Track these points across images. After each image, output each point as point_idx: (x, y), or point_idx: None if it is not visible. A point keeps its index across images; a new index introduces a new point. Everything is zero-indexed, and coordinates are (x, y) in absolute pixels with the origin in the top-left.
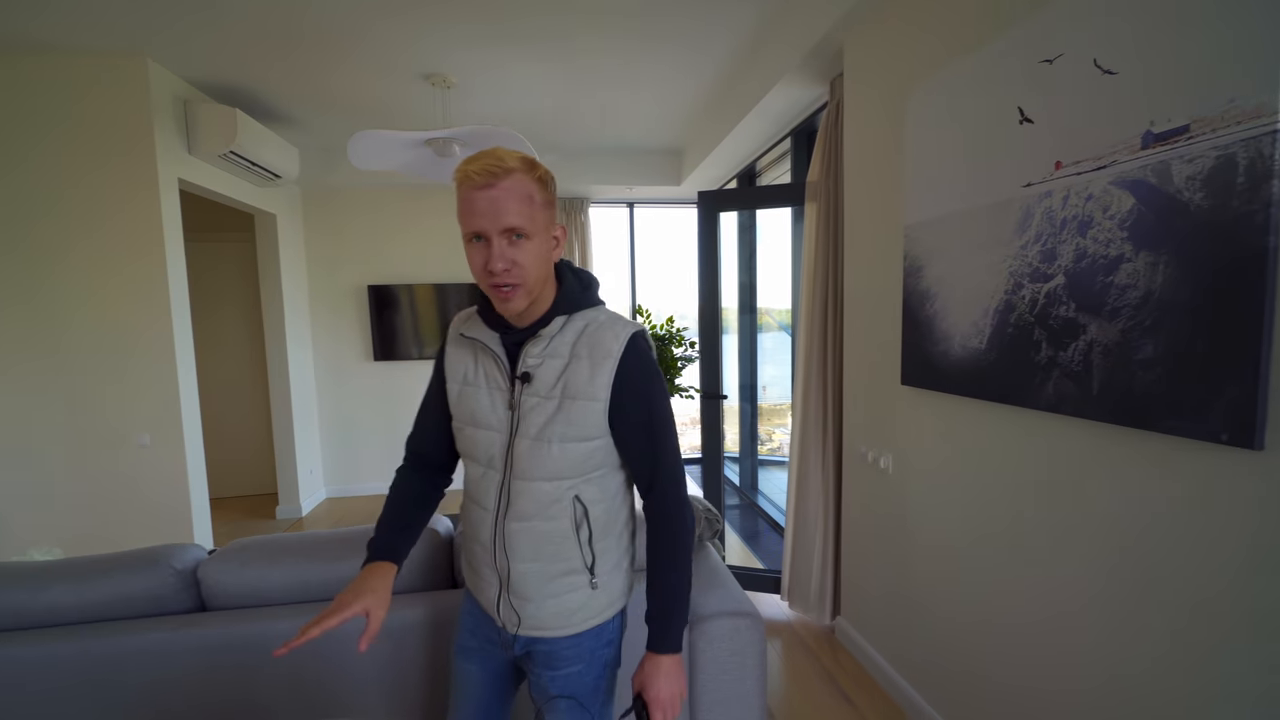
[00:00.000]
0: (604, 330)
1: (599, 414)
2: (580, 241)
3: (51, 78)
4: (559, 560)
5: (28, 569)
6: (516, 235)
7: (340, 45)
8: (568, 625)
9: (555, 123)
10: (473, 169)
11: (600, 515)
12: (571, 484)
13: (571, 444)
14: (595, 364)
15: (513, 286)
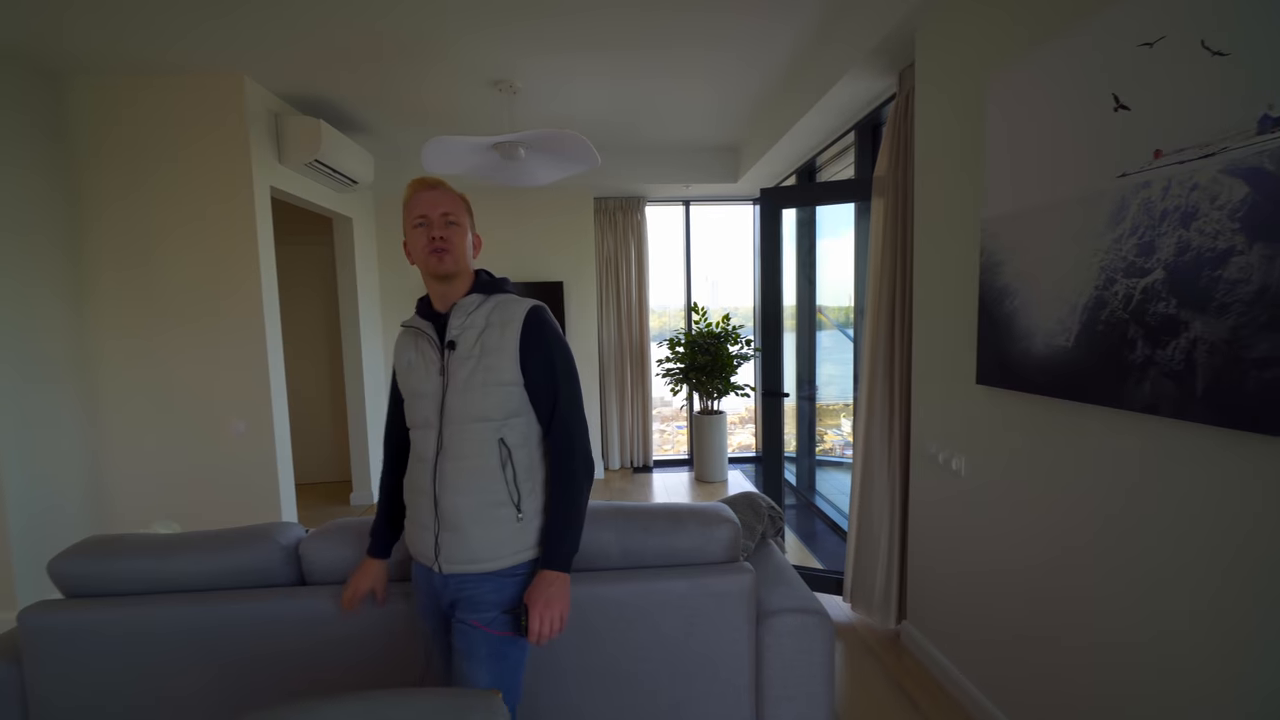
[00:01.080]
0: (510, 304)
1: (511, 361)
2: (636, 240)
3: (165, 97)
4: (488, 493)
5: (155, 540)
6: (450, 221)
7: (415, 56)
8: (497, 557)
9: (614, 123)
10: (420, 179)
11: (523, 459)
12: (495, 425)
13: (491, 388)
14: (505, 326)
15: (446, 251)
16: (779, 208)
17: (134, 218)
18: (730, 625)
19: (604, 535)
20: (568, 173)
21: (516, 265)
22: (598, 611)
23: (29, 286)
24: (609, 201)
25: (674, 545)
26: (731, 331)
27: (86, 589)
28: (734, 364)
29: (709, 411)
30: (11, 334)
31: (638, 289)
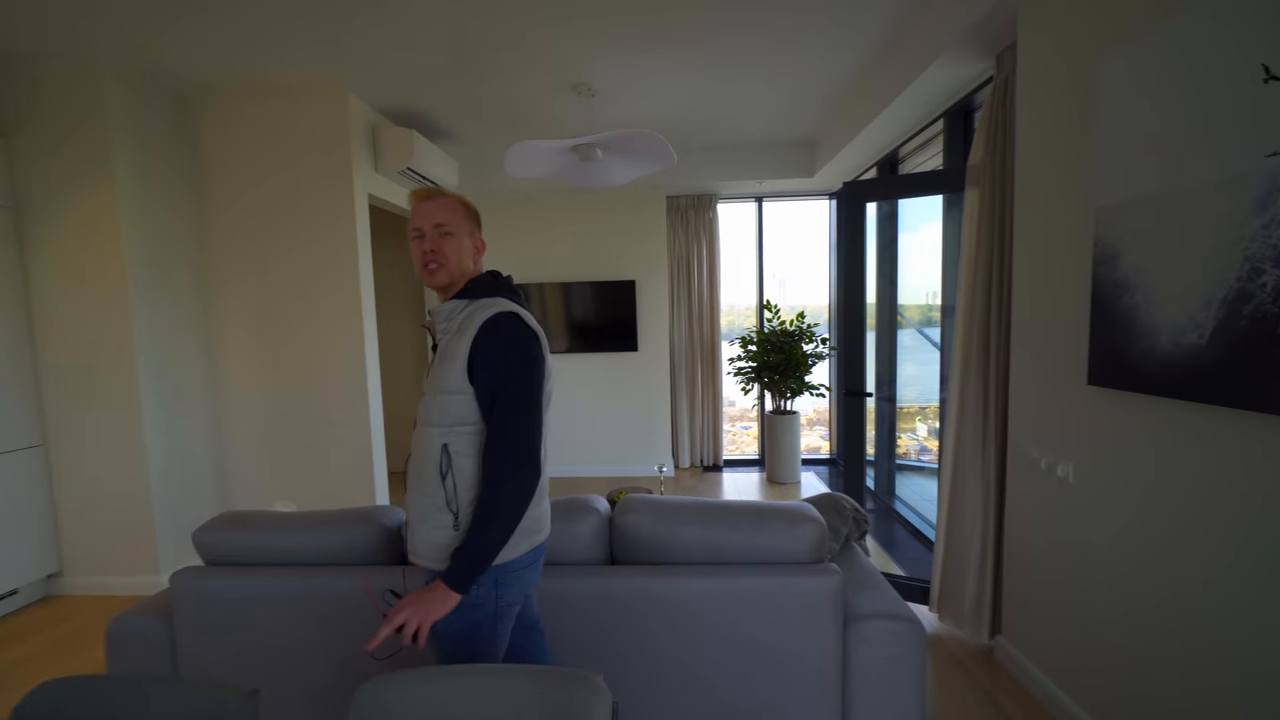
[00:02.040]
0: (479, 311)
1: (459, 369)
2: (707, 238)
3: (276, 114)
4: (430, 496)
5: (277, 517)
6: (444, 231)
7: (501, 65)
8: (433, 559)
9: (688, 121)
10: (419, 190)
11: (464, 468)
12: (441, 432)
13: (439, 395)
14: (463, 334)
15: (438, 266)
16: (862, 201)
17: (250, 223)
18: (816, 627)
19: (686, 530)
20: (643, 172)
21: (589, 265)
22: (678, 605)
23: (169, 275)
24: (681, 200)
25: (758, 543)
26: (806, 330)
27: (222, 558)
28: (808, 363)
29: (781, 411)
30: (157, 334)
31: (709, 287)
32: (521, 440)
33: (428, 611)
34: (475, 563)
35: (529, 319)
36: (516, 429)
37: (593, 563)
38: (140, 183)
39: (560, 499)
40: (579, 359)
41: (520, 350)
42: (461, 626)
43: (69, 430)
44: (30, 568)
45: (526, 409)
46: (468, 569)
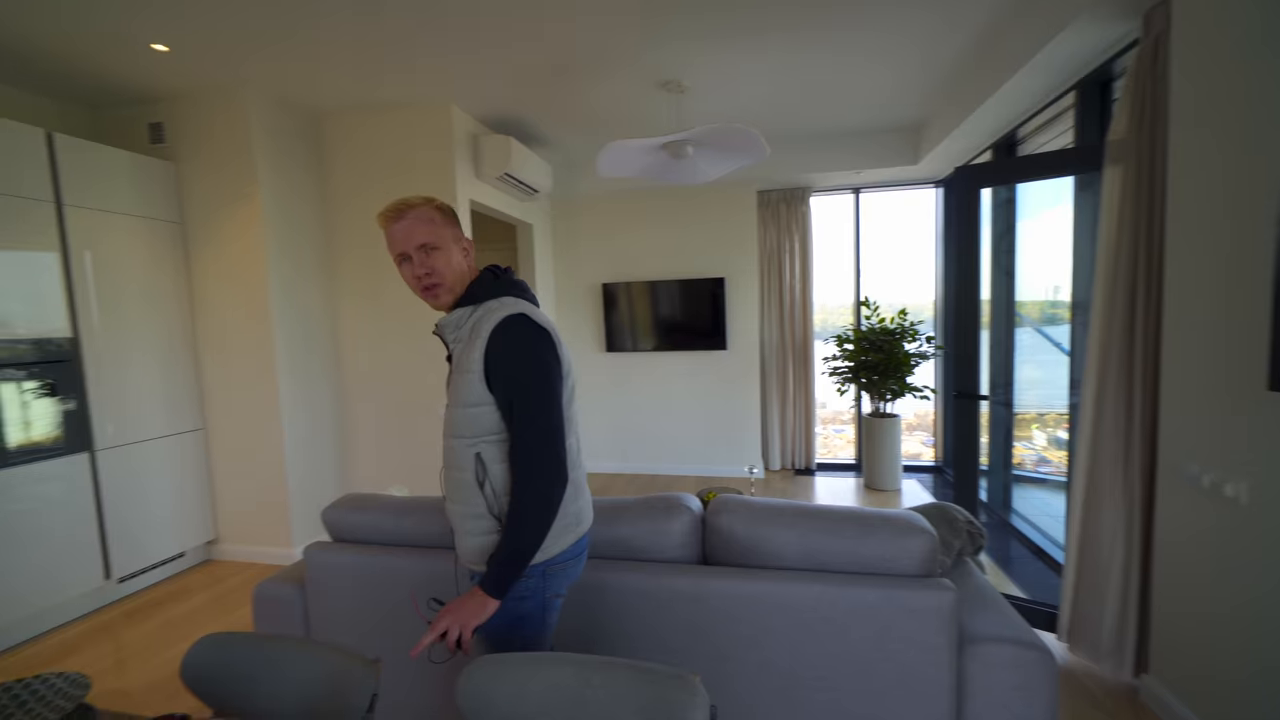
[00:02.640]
0: (488, 316)
1: (476, 383)
2: (800, 234)
3: (390, 127)
4: (470, 504)
5: (394, 502)
6: (430, 248)
7: (593, 69)
8: (482, 562)
9: (780, 113)
10: (387, 210)
11: (499, 474)
12: (472, 442)
13: (464, 409)
14: (474, 344)
15: (436, 285)
16: (978, 187)
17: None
18: (928, 646)
19: (783, 534)
20: (733, 167)
21: (677, 263)
22: (777, 611)
23: (300, 279)
24: (772, 194)
25: (861, 552)
26: (908, 328)
27: (346, 535)
28: (911, 363)
29: (880, 414)
30: (291, 335)
31: (801, 284)
32: (544, 446)
33: (467, 618)
34: (509, 570)
35: (537, 315)
36: (537, 436)
37: (683, 561)
38: (277, 198)
39: (651, 496)
40: (666, 357)
41: (531, 354)
42: (511, 618)
43: (222, 417)
44: (194, 534)
45: (545, 413)
46: (502, 576)
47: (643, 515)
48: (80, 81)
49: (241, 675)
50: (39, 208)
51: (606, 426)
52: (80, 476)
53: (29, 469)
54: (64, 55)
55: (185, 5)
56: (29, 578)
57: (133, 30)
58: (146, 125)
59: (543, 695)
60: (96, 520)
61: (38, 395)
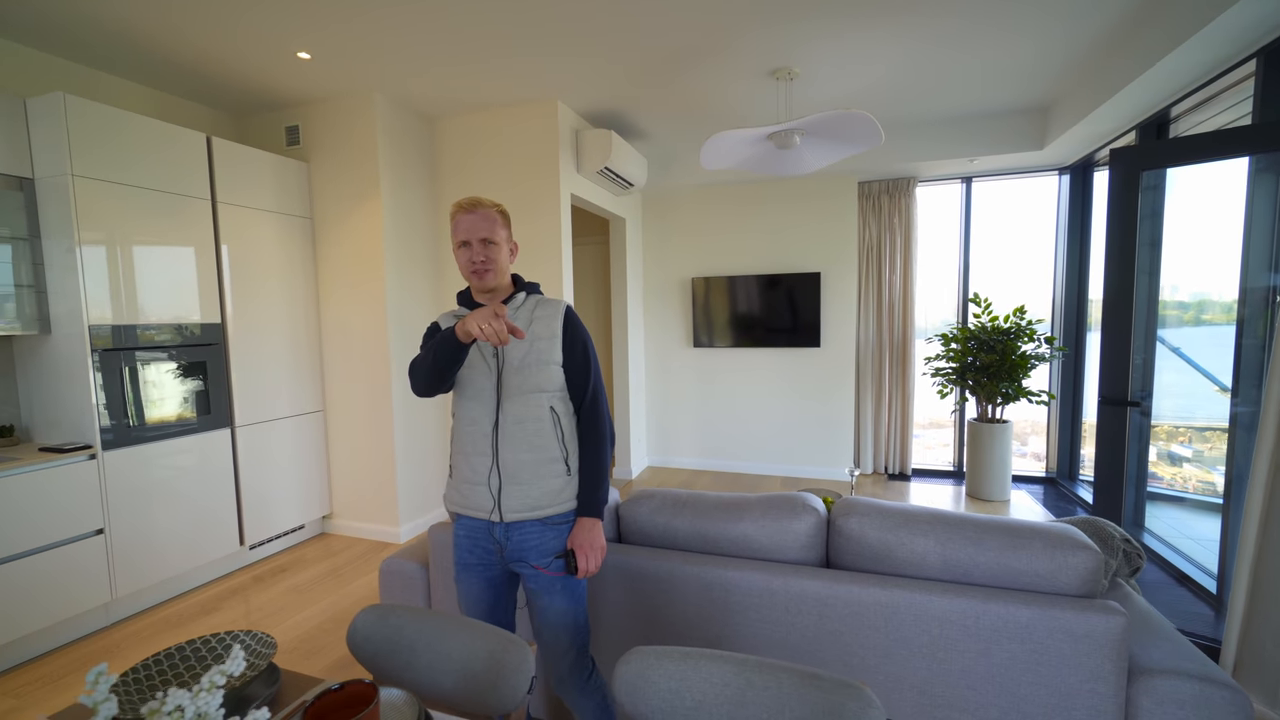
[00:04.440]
0: (548, 302)
1: (556, 346)
2: (903, 225)
3: (497, 126)
4: (545, 451)
5: None
6: (489, 242)
7: (703, 59)
8: (555, 504)
9: (889, 98)
10: (462, 202)
11: (567, 425)
12: (548, 396)
13: (544, 366)
14: (550, 319)
15: (488, 271)
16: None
17: None
18: (1089, 674)
19: (920, 541)
20: (841, 156)
21: (770, 257)
22: (914, 621)
23: (412, 273)
24: (874, 185)
25: (1011, 566)
26: (1025, 326)
27: None
28: (1028, 365)
29: (989, 419)
30: (403, 326)
31: (903, 279)
32: (604, 402)
33: (601, 543)
34: (606, 494)
35: None
36: (602, 393)
37: (805, 563)
38: (395, 196)
39: (774, 495)
40: (755, 354)
41: (590, 337)
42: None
43: (340, 400)
44: (312, 509)
45: (604, 386)
46: (604, 498)
47: (766, 514)
48: (232, 89)
49: (403, 646)
50: (199, 205)
51: (691, 423)
52: (223, 450)
53: (182, 441)
54: (222, 65)
55: (328, 16)
56: (179, 540)
57: (283, 39)
58: (284, 128)
59: (702, 690)
60: (234, 490)
61: (194, 375)
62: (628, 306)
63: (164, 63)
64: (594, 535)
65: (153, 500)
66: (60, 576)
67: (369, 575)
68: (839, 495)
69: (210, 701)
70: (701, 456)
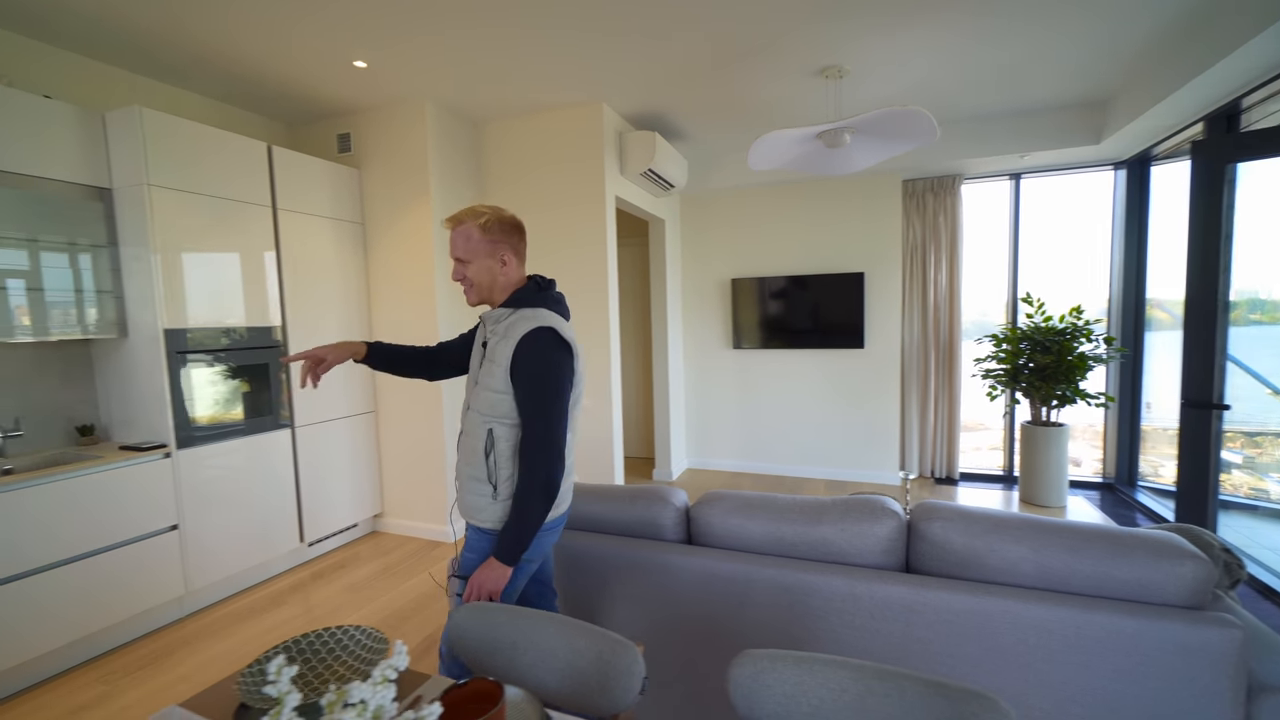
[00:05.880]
0: (519, 323)
1: (503, 374)
2: (948, 224)
3: (543, 129)
4: (475, 468)
5: (586, 489)
6: (461, 261)
7: (746, 59)
8: (475, 518)
9: (939, 94)
10: (450, 217)
11: (504, 450)
12: (487, 419)
13: (485, 391)
14: (507, 342)
15: (468, 288)
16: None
17: None
18: (1204, 691)
19: (1012, 548)
20: (893, 154)
21: (811, 258)
22: (1008, 630)
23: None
24: (918, 183)
25: (1112, 574)
26: (1082, 327)
27: None
28: (1086, 366)
29: (1042, 422)
30: (450, 327)
31: (948, 279)
32: (551, 443)
33: (493, 586)
34: (518, 543)
35: (563, 330)
36: (546, 433)
37: (885, 568)
38: (444, 200)
39: (852, 498)
40: (796, 355)
41: (551, 363)
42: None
43: (390, 401)
44: (365, 507)
45: (556, 414)
46: (513, 546)
47: (845, 517)
48: (288, 99)
49: (504, 644)
50: (260, 211)
51: (730, 424)
52: (284, 450)
53: (245, 440)
54: (280, 76)
55: (386, 24)
56: (245, 536)
57: (341, 48)
58: (336, 136)
59: (819, 695)
60: (295, 489)
61: (257, 376)
62: (667, 308)
63: (226, 75)
64: (487, 576)
65: (220, 498)
66: (139, 570)
67: (422, 574)
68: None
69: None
70: (740, 458)
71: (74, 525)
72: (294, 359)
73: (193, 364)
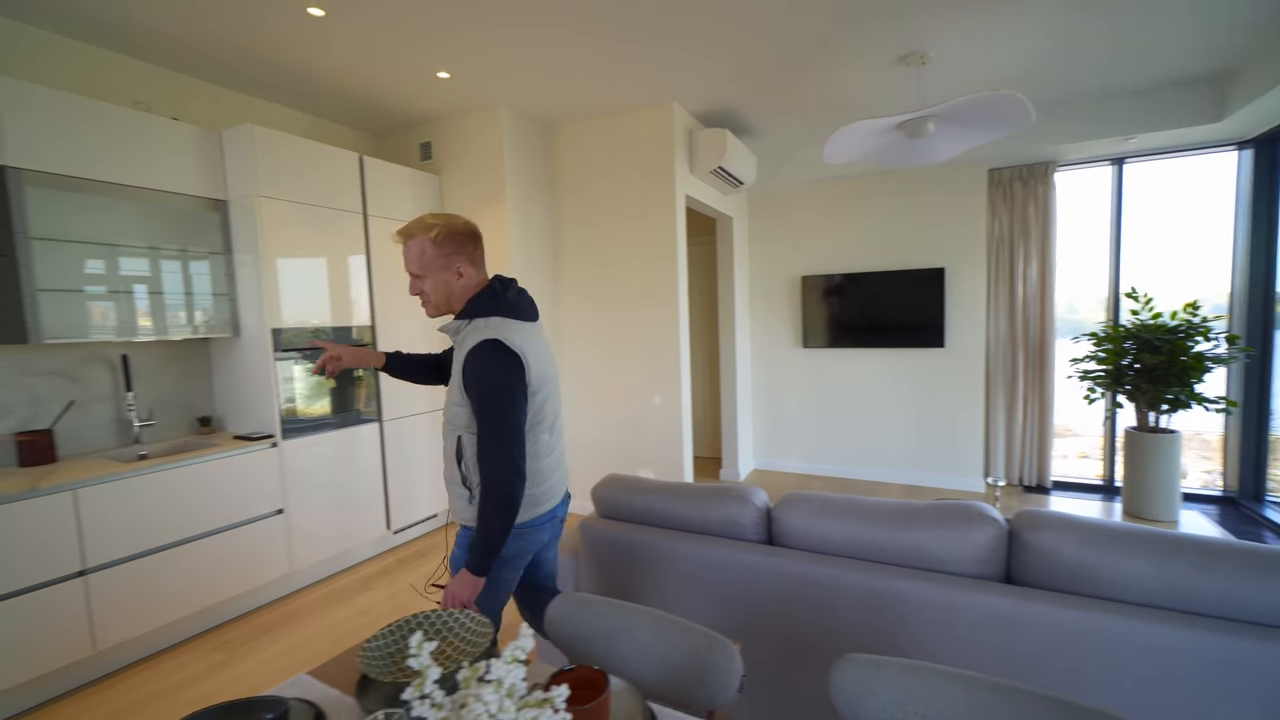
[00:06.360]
0: (472, 334)
1: (456, 388)
2: (1040, 215)
3: (613, 130)
4: (452, 472)
5: (650, 484)
6: (415, 275)
7: (822, 51)
8: (460, 518)
9: (1032, 77)
10: (398, 230)
11: (471, 457)
12: (455, 428)
13: (450, 405)
14: (459, 354)
15: (425, 302)
16: None
17: (584, 232)
18: None
19: (1133, 563)
20: (980, 142)
21: (887, 253)
22: (1130, 653)
23: (534, 277)
24: (1005, 172)
25: (1252, 597)
26: (1199, 324)
27: (609, 511)
28: (1204, 368)
29: (1150, 428)
30: None
31: (1040, 272)
32: (503, 456)
33: (466, 596)
34: (485, 553)
35: (511, 340)
36: (495, 445)
37: (983, 578)
38: (519, 204)
39: (946, 503)
40: (870, 354)
41: (495, 375)
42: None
43: None
44: (443, 499)
45: (507, 427)
46: (481, 556)
47: (940, 522)
48: (375, 111)
49: (600, 634)
50: (352, 218)
51: (799, 426)
52: (372, 442)
53: (340, 433)
54: (370, 89)
55: (468, 34)
56: (339, 522)
57: (427, 60)
58: (418, 145)
59: (929, 705)
60: (382, 479)
61: (347, 373)
62: (734, 307)
63: (323, 91)
64: (458, 587)
65: (317, 486)
66: (251, 549)
67: None
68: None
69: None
70: (810, 461)
71: (197, 506)
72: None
73: (293, 361)
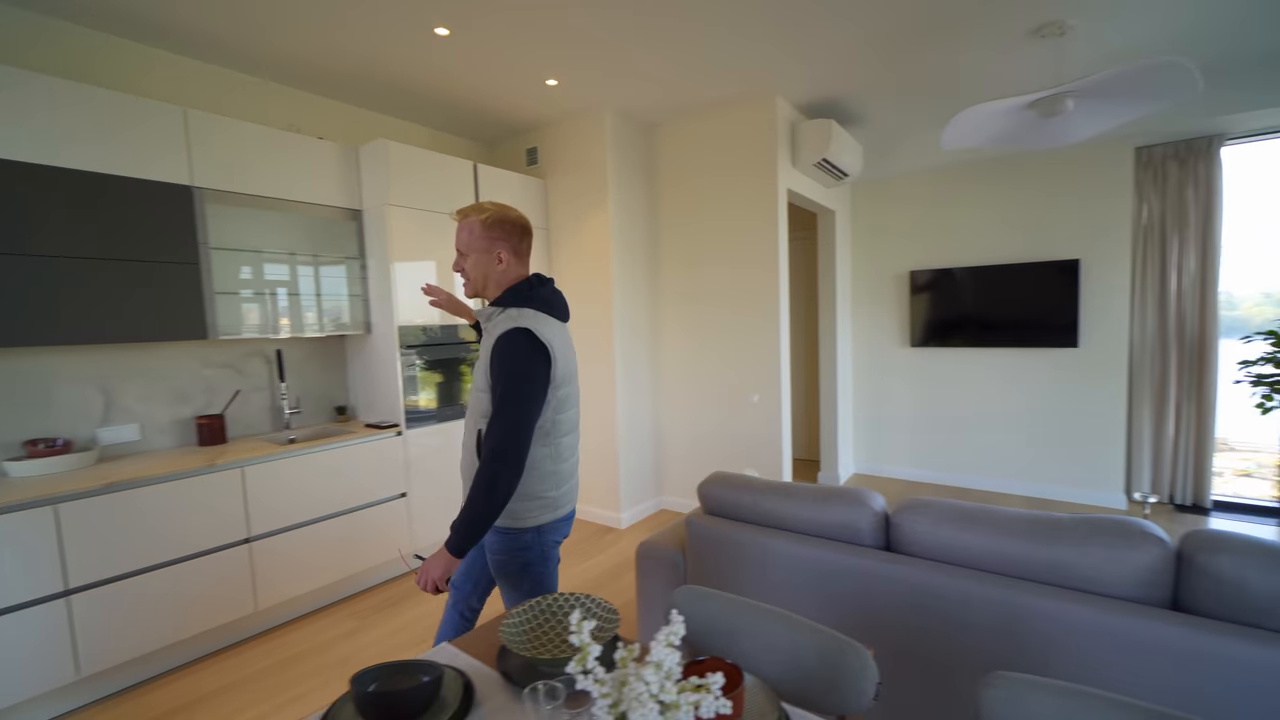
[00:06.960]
0: (502, 322)
1: (484, 372)
2: (1199, 197)
3: (714, 127)
4: (470, 460)
5: (760, 483)
6: (460, 253)
7: (941, 28)
8: None
9: (1192, 37)
10: (455, 212)
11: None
12: (477, 420)
13: (476, 391)
14: (488, 340)
15: (465, 281)
16: None
17: (684, 230)
18: None
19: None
20: (1131, 117)
21: (1009, 244)
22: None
23: (633, 279)
24: (1157, 150)
25: None
26: None
27: (715, 509)
28: None
29: None
30: (625, 330)
31: (1199, 264)
32: (505, 436)
33: (438, 573)
34: (467, 534)
35: (541, 332)
36: (503, 426)
37: (1142, 602)
38: (620, 205)
39: (1096, 517)
40: (989, 354)
41: (522, 364)
42: (518, 566)
43: None
44: None
45: (517, 411)
46: (461, 538)
47: (1092, 538)
48: (486, 121)
49: (721, 629)
50: None
51: (905, 429)
52: None
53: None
54: (482, 99)
55: (577, 41)
56: (450, 508)
57: (538, 69)
58: (524, 150)
59: None
60: None
61: (455, 368)
62: (835, 303)
63: (440, 104)
64: (434, 563)
65: (431, 473)
66: (379, 528)
67: (599, 556)
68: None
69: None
70: (917, 467)
71: (334, 488)
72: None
73: (416, 356)
